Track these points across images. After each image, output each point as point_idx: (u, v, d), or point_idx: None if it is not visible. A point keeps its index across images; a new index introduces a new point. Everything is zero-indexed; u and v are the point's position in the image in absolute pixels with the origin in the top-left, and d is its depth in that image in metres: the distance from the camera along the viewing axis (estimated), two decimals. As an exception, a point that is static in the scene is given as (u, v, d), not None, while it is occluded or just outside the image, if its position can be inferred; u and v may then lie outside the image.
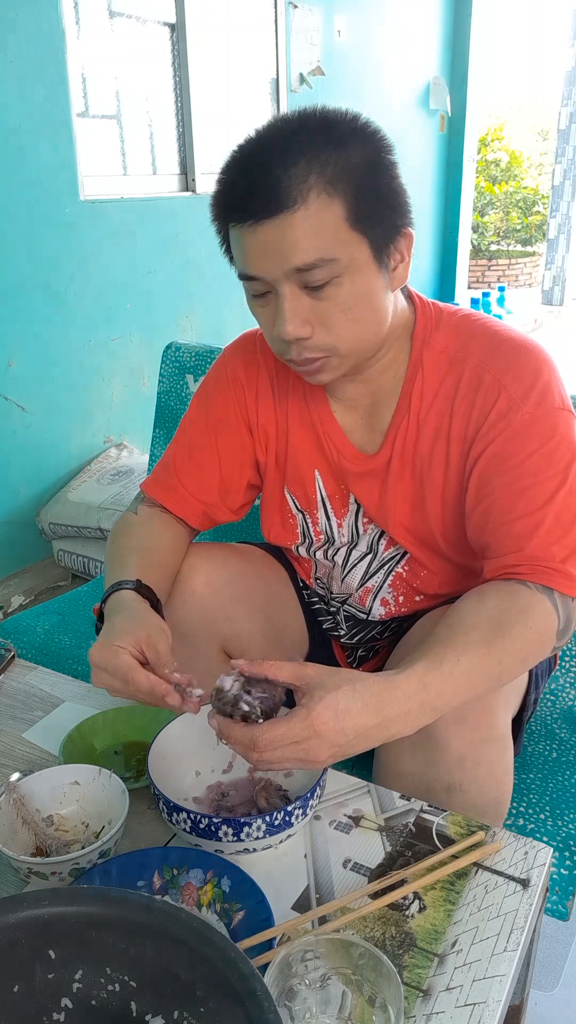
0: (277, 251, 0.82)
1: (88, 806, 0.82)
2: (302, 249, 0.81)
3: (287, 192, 0.79)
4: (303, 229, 0.80)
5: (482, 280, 8.65)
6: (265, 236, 0.82)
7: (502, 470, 0.88)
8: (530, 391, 0.88)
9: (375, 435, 1.00)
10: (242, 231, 0.83)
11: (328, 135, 0.81)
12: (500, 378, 0.89)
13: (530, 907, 0.73)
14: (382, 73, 4.66)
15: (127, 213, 2.83)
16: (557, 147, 7.41)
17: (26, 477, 2.62)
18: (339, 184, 0.81)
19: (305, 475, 1.06)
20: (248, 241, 0.83)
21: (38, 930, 0.55)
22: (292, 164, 0.80)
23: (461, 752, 0.86)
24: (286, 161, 0.80)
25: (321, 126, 0.82)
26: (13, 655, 1.14)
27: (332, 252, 0.82)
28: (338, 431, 1.02)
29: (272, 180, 0.80)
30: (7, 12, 2.27)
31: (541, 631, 0.83)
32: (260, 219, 0.81)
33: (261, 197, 0.80)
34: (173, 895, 0.73)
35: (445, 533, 0.98)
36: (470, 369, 0.91)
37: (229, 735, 0.74)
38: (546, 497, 0.86)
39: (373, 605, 1.09)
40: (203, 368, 1.58)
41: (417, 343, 0.95)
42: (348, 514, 1.05)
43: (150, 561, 0.99)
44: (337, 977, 0.61)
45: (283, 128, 0.83)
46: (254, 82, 3.62)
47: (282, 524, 1.10)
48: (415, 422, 0.96)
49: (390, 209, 0.85)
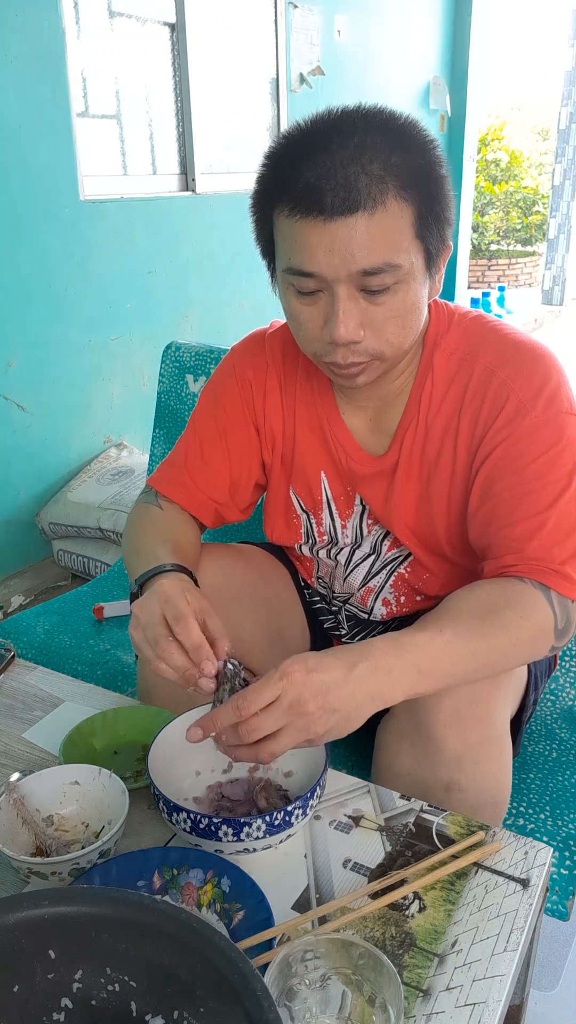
0: (345, 251, 0.79)
1: (88, 806, 0.82)
2: (373, 252, 0.79)
3: (367, 190, 0.77)
4: (378, 232, 0.79)
5: (482, 280, 8.65)
6: (334, 234, 0.79)
7: (507, 473, 0.88)
8: (539, 395, 0.88)
9: (383, 437, 1.00)
10: (304, 224, 0.79)
11: (399, 137, 0.80)
12: (509, 381, 0.89)
13: (530, 907, 0.73)
14: (382, 73, 4.66)
15: (127, 213, 2.83)
16: (557, 147, 7.42)
17: (26, 477, 2.62)
18: (412, 189, 0.79)
19: (311, 476, 1.06)
20: (311, 236, 0.80)
21: (38, 930, 0.55)
22: (369, 162, 0.77)
23: (459, 752, 0.86)
24: (362, 157, 0.77)
25: (391, 126, 0.80)
26: (13, 655, 1.14)
27: (399, 258, 0.80)
28: (346, 433, 1.02)
29: (350, 175, 0.77)
30: (7, 12, 2.27)
31: (532, 620, 0.83)
32: (332, 215, 0.78)
33: (337, 192, 0.77)
34: (173, 895, 0.73)
35: (449, 535, 0.98)
36: (479, 372, 0.91)
37: (213, 721, 0.73)
38: (549, 501, 0.86)
39: (375, 605, 1.09)
40: (203, 368, 1.58)
41: (428, 345, 0.95)
42: (353, 515, 1.05)
43: (184, 556, 0.97)
44: (337, 977, 0.61)
45: (350, 122, 0.80)
46: (254, 82, 3.62)
47: (286, 524, 1.10)
48: (423, 424, 0.96)
49: (446, 221, 0.84)
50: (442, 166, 0.84)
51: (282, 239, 0.84)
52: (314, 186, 0.78)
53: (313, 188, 0.78)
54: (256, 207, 0.87)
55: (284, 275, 0.86)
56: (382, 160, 0.78)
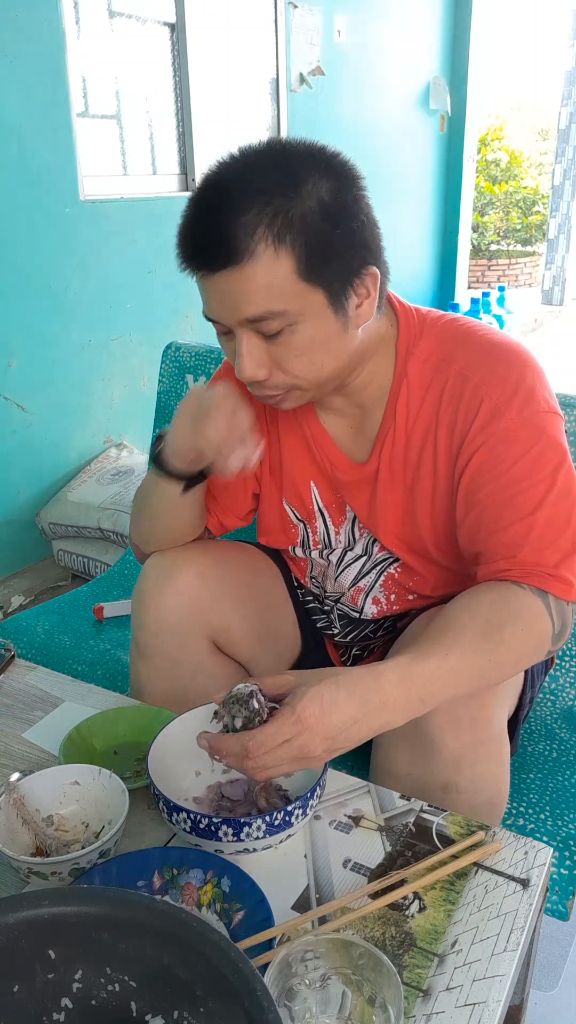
0: (230, 301, 0.82)
1: (88, 806, 0.82)
2: (252, 302, 0.81)
3: (235, 246, 0.79)
4: (252, 283, 0.80)
5: (482, 280, 8.65)
6: (219, 286, 0.82)
7: (489, 478, 0.87)
8: (513, 396, 0.87)
9: (364, 443, 1.00)
10: (199, 278, 0.84)
11: (285, 177, 0.79)
12: (483, 384, 0.88)
13: (530, 907, 0.73)
14: (382, 73, 4.65)
15: (127, 213, 2.83)
16: (557, 147, 7.42)
17: (26, 477, 2.61)
18: (287, 237, 0.79)
19: (301, 486, 1.06)
20: (205, 288, 0.85)
21: (38, 930, 0.55)
22: (243, 213, 0.78)
23: (457, 753, 0.86)
24: (238, 208, 0.78)
25: (279, 166, 0.80)
26: (13, 655, 1.14)
27: (282, 304, 0.81)
28: (328, 441, 1.02)
29: (222, 231, 0.79)
30: (7, 12, 2.27)
31: (534, 632, 0.83)
32: (212, 269, 0.81)
33: (212, 248, 0.81)
34: (173, 895, 0.73)
35: (436, 541, 0.98)
36: (453, 377, 0.90)
37: (220, 748, 0.74)
38: (535, 503, 0.85)
39: (365, 604, 1.09)
40: (203, 368, 1.58)
41: (401, 353, 0.94)
42: (346, 522, 1.06)
43: None
44: (337, 977, 0.61)
45: (243, 166, 0.82)
46: (254, 82, 3.62)
47: (283, 531, 1.11)
48: (402, 432, 0.95)
49: (348, 255, 0.83)
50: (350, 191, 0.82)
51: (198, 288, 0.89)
52: (197, 242, 0.83)
53: (196, 244, 0.83)
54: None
55: None
56: (259, 206, 0.78)
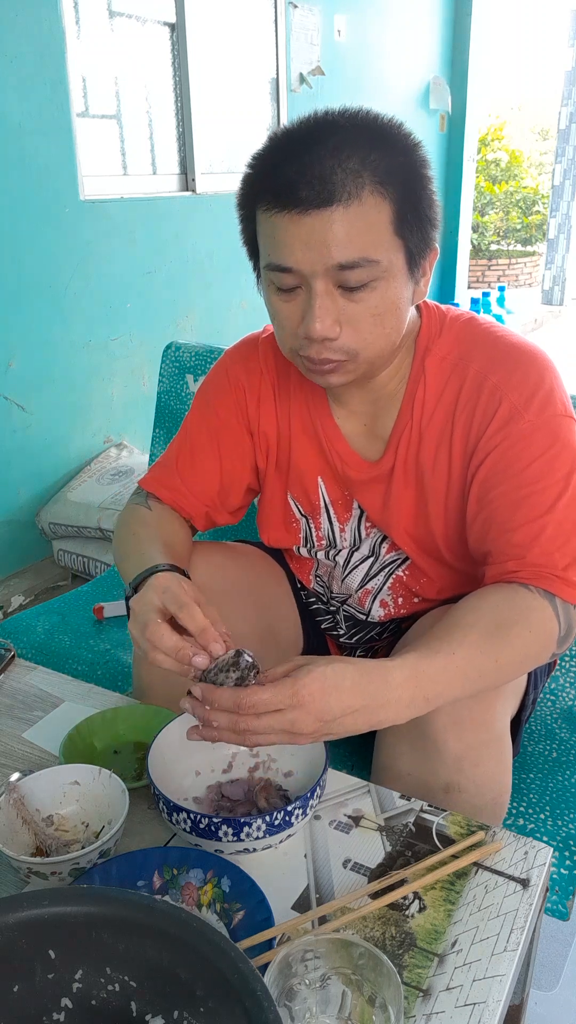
0: (321, 244, 0.79)
1: (88, 806, 0.82)
2: (349, 245, 0.79)
3: (342, 185, 0.77)
4: (353, 225, 0.79)
5: (482, 280, 8.65)
6: (310, 227, 0.79)
7: (503, 479, 0.88)
8: (532, 399, 0.87)
9: (377, 442, 1.00)
10: (282, 219, 0.80)
11: (378, 136, 0.80)
12: (502, 386, 0.88)
13: (530, 907, 0.73)
14: (382, 73, 4.66)
15: (127, 213, 2.83)
16: (557, 147, 7.42)
17: (26, 477, 2.62)
18: (389, 186, 0.79)
19: (308, 481, 1.06)
20: (288, 230, 0.80)
21: (38, 930, 0.55)
22: (346, 158, 0.78)
23: (459, 753, 0.86)
24: (339, 154, 0.78)
25: (371, 126, 0.81)
26: (13, 655, 1.14)
27: (376, 253, 0.80)
28: (340, 438, 1.02)
29: (326, 170, 0.77)
30: (7, 12, 2.27)
31: (540, 634, 0.83)
32: (307, 208, 0.78)
33: (313, 186, 0.77)
34: (173, 895, 0.73)
35: (447, 540, 0.98)
36: (472, 377, 0.91)
37: (211, 698, 0.72)
38: (547, 505, 0.85)
39: (372, 606, 1.09)
40: (203, 368, 1.58)
41: (420, 350, 0.95)
42: (351, 519, 1.05)
43: (176, 555, 0.96)
44: (337, 977, 0.61)
45: (331, 122, 0.81)
46: (254, 82, 3.62)
47: (285, 528, 1.10)
48: (417, 430, 0.95)
49: (428, 221, 0.84)
50: (425, 167, 0.84)
51: (262, 236, 0.85)
52: (291, 181, 0.79)
53: (290, 183, 0.79)
54: (240, 207, 0.88)
55: (265, 271, 0.86)
56: (359, 156, 0.78)
